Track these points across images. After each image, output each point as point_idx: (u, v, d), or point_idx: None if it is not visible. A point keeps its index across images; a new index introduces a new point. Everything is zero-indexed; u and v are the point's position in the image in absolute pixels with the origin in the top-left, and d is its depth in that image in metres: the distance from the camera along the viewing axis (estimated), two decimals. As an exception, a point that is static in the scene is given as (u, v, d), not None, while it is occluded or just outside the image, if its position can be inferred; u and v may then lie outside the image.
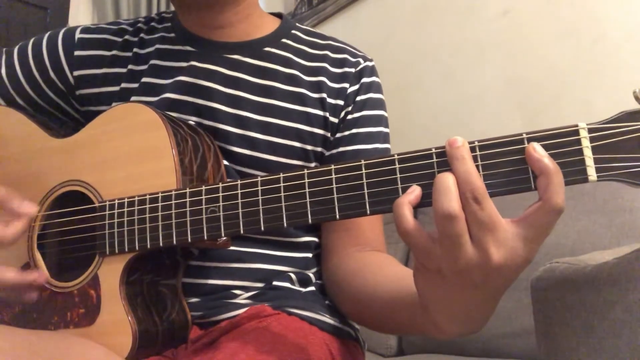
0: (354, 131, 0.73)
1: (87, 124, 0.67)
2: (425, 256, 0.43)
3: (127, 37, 0.76)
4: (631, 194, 1.08)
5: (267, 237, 0.70)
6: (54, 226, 0.66)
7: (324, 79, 0.73)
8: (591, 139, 0.41)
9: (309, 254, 0.74)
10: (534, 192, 0.41)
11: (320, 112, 0.72)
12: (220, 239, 0.55)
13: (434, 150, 0.44)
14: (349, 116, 0.73)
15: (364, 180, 0.46)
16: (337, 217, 0.47)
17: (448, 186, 0.40)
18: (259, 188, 0.51)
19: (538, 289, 0.58)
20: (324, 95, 0.72)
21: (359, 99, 0.74)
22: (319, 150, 0.73)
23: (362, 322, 0.68)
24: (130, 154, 0.61)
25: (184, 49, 0.74)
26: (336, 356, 0.64)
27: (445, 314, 0.45)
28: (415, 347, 1.38)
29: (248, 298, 0.67)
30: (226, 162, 0.69)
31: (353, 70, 0.75)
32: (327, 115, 0.72)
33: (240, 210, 0.51)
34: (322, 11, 2.16)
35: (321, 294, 0.72)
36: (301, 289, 0.70)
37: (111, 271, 0.58)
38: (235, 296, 0.67)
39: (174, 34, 0.76)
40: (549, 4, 1.46)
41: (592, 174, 0.40)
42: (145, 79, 0.72)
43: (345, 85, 0.74)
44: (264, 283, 0.69)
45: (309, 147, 0.71)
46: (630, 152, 0.40)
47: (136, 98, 0.71)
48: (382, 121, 0.76)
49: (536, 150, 0.40)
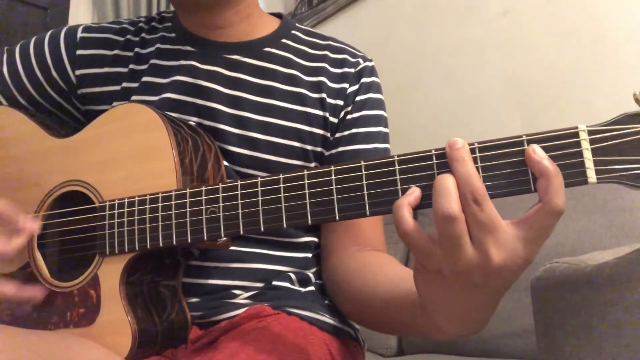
0: (353, 131, 0.73)
1: (87, 123, 0.67)
2: (425, 257, 0.43)
3: (128, 37, 0.76)
4: (631, 194, 1.07)
5: (266, 237, 0.70)
6: (55, 226, 0.66)
7: (323, 79, 0.73)
8: (591, 141, 0.40)
9: (308, 254, 0.74)
10: (534, 193, 0.41)
11: (320, 112, 0.72)
12: (220, 239, 0.55)
13: (433, 152, 0.44)
14: (349, 116, 0.73)
15: (364, 182, 0.46)
16: (337, 218, 0.47)
17: (448, 187, 0.40)
18: (259, 189, 0.51)
19: (538, 289, 0.58)
20: (324, 96, 0.73)
21: (358, 99, 0.74)
22: (319, 150, 0.73)
23: (362, 322, 0.68)
24: (131, 154, 0.61)
25: (184, 49, 0.74)
26: (336, 356, 0.64)
27: (445, 314, 0.45)
28: (415, 347, 1.38)
29: (248, 298, 0.67)
30: (226, 162, 0.69)
31: (353, 70, 0.75)
32: (326, 115, 0.72)
33: (240, 210, 0.51)
34: (322, 11, 2.15)
35: (321, 293, 0.72)
36: (301, 289, 0.70)
37: (111, 271, 0.58)
38: (235, 296, 0.67)
39: (174, 34, 0.76)
40: (549, 4, 1.46)
41: (592, 176, 0.40)
42: (145, 78, 0.72)
43: (345, 86, 0.74)
44: (263, 283, 0.69)
45: (308, 147, 0.71)
46: (630, 154, 0.40)
47: (137, 97, 0.71)
48: (382, 121, 0.76)
49: (536, 152, 0.40)
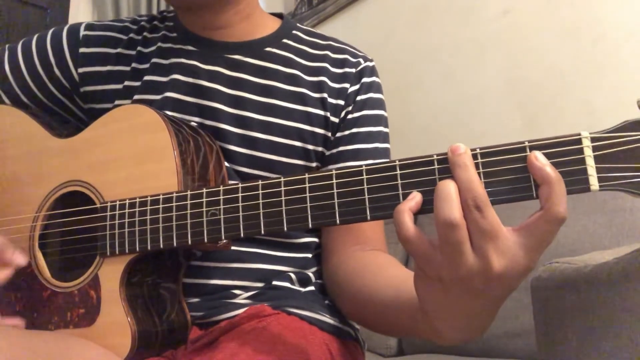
0: (354, 130, 0.73)
1: (89, 122, 0.67)
2: (425, 263, 0.42)
3: (131, 35, 0.76)
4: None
5: (267, 237, 0.70)
6: (56, 226, 0.66)
7: (324, 79, 0.73)
8: (594, 148, 0.40)
9: (308, 254, 0.74)
10: (536, 200, 0.41)
11: (321, 112, 0.72)
12: (221, 241, 0.55)
13: (435, 157, 0.44)
14: (349, 116, 0.73)
15: (365, 186, 0.46)
16: (338, 222, 0.47)
17: (450, 193, 0.40)
18: (260, 192, 0.51)
19: (538, 289, 0.58)
20: (325, 95, 0.73)
21: (359, 98, 0.74)
22: (320, 150, 0.73)
23: (362, 322, 0.68)
24: (132, 155, 0.61)
25: (186, 48, 0.74)
26: (336, 356, 0.64)
27: (446, 320, 0.45)
28: (415, 347, 1.38)
29: (248, 298, 0.67)
30: (227, 163, 0.69)
31: (353, 70, 0.75)
32: (327, 115, 0.72)
33: (240, 213, 0.51)
34: (322, 11, 2.15)
35: (321, 293, 0.72)
36: (301, 289, 0.70)
37: (112, 272, 0.58)
38: (235, 296, 0.67)
39: (176, 34, 0.76)
40: (549, 4, 1.46)
41: (594, 183, 0.40)
42: (147, 77, 0.72)
43: (346, 85, 0.74)
44: (263, 283, 0.69)
45: (310, 146, 0.72)
46: (632, 162, 0.39)
47: (139, 96, 0.71)
48: (382, 121, 0.76)
49: (538, 159, 0.40)
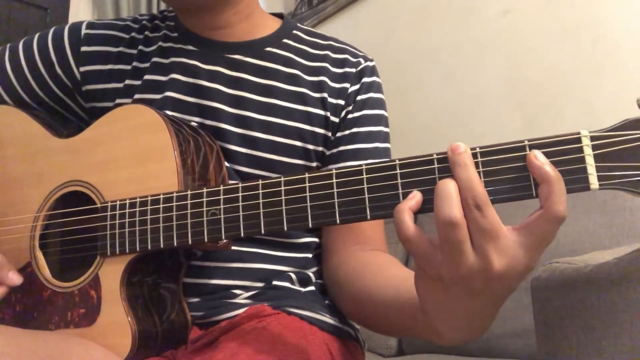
0: (354, 130, 0.73)
1: (91, 122, 0.67)
2: (425, 262, 0.42)
3: (133, 34, 0.76)
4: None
5: (267, 237, 0.70)
6: (56, 226, 0.66)
7: (325, 78, 0.74)
8: (593, 147, 0.40)
9: (309, 254, 0.74)
10: (536, 199, 0.41)
11: (321, 112, 0.72)
12: (221, 241, 0.55)
13: (435, 156, 0.43)
14: (350, 115, 0.74)
15: (365, 185, 0.46)
16: (338, 222, 0.47)
17: (450, 193, 0.40)
18: (260, 191, 0.51)
19: (538, 289, 0.59)
20: (325, 95, 0.73)
21: (359, 98, 0.74)
22: (320, 149, 0.73)
23: (362, 322, 0.68)
24: (133, 155, 0.61)
25: (186, 48, 0.74)
26: (336, 356, 0.64)
27: (446, 320, 0.45)
28: (415, 347, 1.38)
29: (248, 298, 0.67)
30: (227, 162, 0.69)
31: (354, 70, 0.75)
32: (328, 114, 0.72)
33: (241, 213, 0.51)
34: (322, 11, 2.15)
35: (321, 293, 0.72)
36: (301, 289, 0.70)
37: (112, 272, 0.59)
38: (235, 296, 0.67)
39: (176, 33, 0.76)
40: (549, 4, 1.46)
41: (594, 182, 0.40)
42: (147, 76, 0.72)
43: (346, 85, 0.74)
44: (263, 283, 0.69)
45: (310, 146, 0.72)
46: (632, 160, 0.39)
47: (139, 95, 0.71)
48: (382, 120, 0.76)
49: (537, 158, 0.40)
